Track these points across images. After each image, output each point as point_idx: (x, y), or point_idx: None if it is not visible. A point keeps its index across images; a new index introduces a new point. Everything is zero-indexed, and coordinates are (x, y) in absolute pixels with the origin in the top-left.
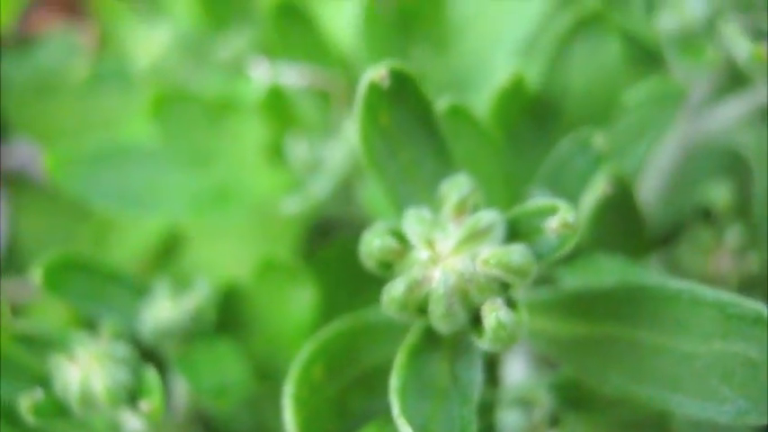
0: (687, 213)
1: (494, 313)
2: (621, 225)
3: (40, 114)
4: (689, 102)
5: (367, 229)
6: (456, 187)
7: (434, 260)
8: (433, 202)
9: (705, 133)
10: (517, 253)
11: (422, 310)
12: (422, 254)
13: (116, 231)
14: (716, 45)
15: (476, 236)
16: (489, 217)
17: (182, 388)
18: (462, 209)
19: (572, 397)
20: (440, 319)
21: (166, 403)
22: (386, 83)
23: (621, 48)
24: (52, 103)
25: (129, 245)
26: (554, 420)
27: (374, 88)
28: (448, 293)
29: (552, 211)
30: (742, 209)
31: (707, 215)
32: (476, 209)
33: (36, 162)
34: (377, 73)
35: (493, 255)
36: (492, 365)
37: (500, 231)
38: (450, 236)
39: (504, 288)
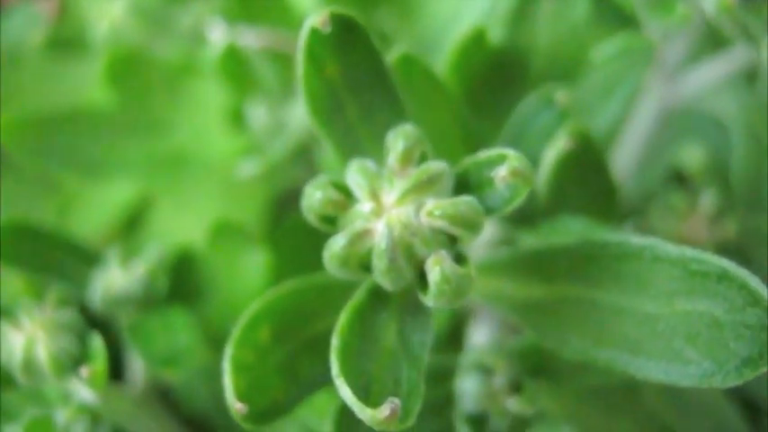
0: (662, 178)
1: (438, 266)
2: (589, 187)
3: (4, 85)
4: (664, 64)
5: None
6: (402, 137)
7: (377, 212)
8: (382, 158)
9: (681, 97)
10: (464, 204)
11: (366, 267)
12: (364, 206)
13: (79, 205)
14: (688, 2)
15: (421, 187)
16: (436, 167)
17: (138, 361)
18: (408, 160)
19: (534, 363)
20: (384, 275)
21: (122, 377)
22: (327, 28)
23: (592, 7)
24: (15, 73)
25: (92, 218)
26: (515, 387)
27: (316, 34)
28: (391, 247)
29: (502, 160)
30: (718, 173)
31: (681, 179)
32: (423, 160)
33: None
34: (318, 18)
35: (438, 206)
36: (457, 332)
37: (448, 183)
38: (394, 187)
39: (452, 242)
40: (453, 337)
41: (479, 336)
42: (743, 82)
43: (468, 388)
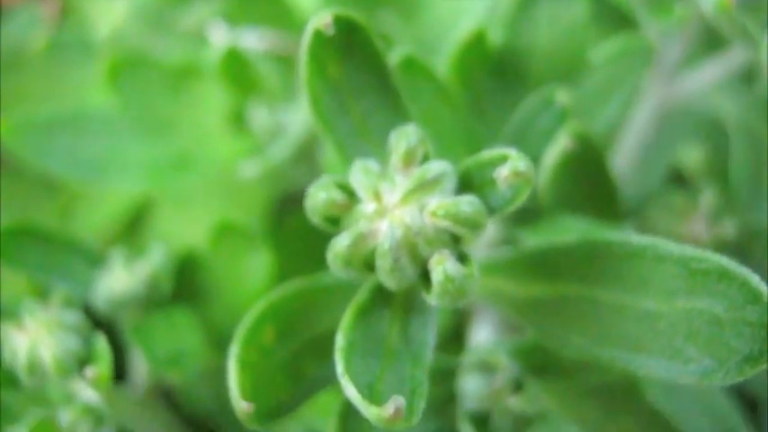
0: (661, 178)
1: (441, 266)
2: (590, 186)
3: (7, 88)
4: (663, 64)
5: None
6: (404, 137)
7: (381, 212)
8: (384, 158)
9: (681, 97)
10: (466, 203)
11: (369, 266)
12: (368, 206)
13: (82, 205)
14: (686, 2)
15: (424, 187)
16: (438, 167)
17: (141, 362)
18: (411, 159)
19: (536, 362)
20: (387, 275)
21: (125, 378)
22: (330, 30)
23: (591, 8)
24: (17, 75)
25: (94, 219)
26: (517, 386)
27: (319, 36)
28: (395, 247)
29: (503, 160)
30: (718, 173)
31: (680, 179)
32: (426, 160)
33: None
34: (321, 20)
35: (441, 206)
36: (460, 331)
37: (451, 183)
38: (397, 187)
39: (455, 241)
40: (455, 336)
41: (481, 335)
42: (741, 82)
43: (470, 387)
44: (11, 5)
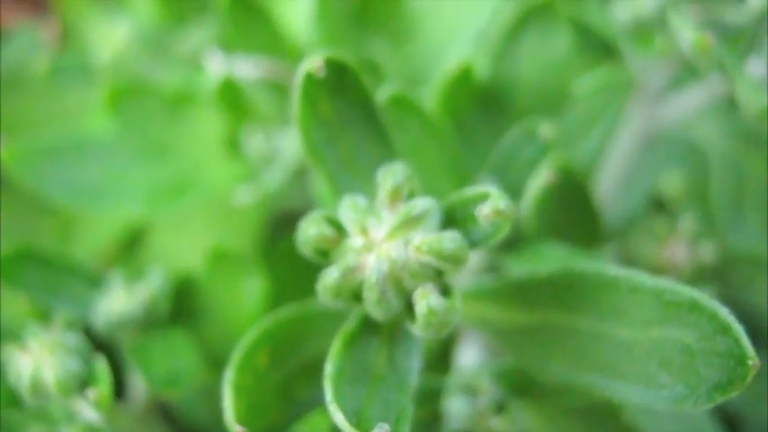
0: (643, 204)
1: (425, 300)
2: (571, 215)
3: (7, 111)
4: (645, 92)
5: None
6: (391, 174)
7: (368, 247)
8: (372, 191)
9: (662, 124)
10: (449, 240)
11: (357, 297)
12: (356, 241)
13: (79, 227)
14: (666, 35)
15: (409, 223)
16: (423, 204)
17: (139, 380)
18: (397, 196)
19: (518, 385)
20: (374, 306)
21: (124, 395)
22: (322, 73)
23: (574, 39)
24: (17, 97)
25: (91, 240)
26: (499, 408)
27: (310, 78)
28: (381, 280)
29: (485, 198)
30: (698, 199)
31: (660, 205)
32: (411, 196)
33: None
34: (312, 63)
35: (425, 242)
36: (445, 354)
37: (435, 219)
38: (383, 223)
39: (438, 275)
40: (441, 359)
41: (466, 358)
42: (724, 108)
43: (454, 408)
44: (11, 27)
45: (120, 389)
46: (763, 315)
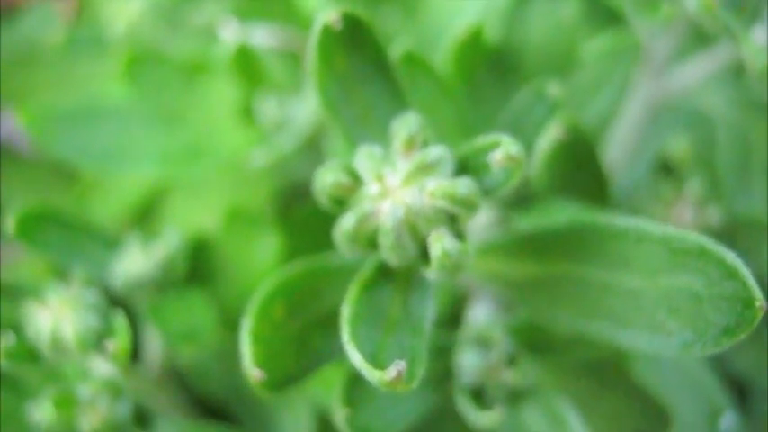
0: (651, 168)
1: (439, 242)
2: (581, 174)
3: (23, 84)
4: (652, 60)
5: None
6: (405, 124)
7: (383, 194)
8: (387, 145)
9: (669, 92)
10: (463, 185)
11: (373, 244)
12: (371, 188)
13: (97, 195)
14: (673, 1)
15: (424, 169)
16: (437, 152)
17: (156, 343)
18: (412, 145)
19: (529, 339)
20: (390, 252)
21: (140, 359)
22: (338, 26)
23: (582, 5)
24: (34, 72)
25: (109, 207)
26: (511, 361)
27: (327, 31)
28: (396, 225)
29: (497, 145)
30: (705, 163)
31: (668, 169)
32: (425, 145)
33: (21, 132)
34: (329, 16)
35: (439, 187)
36: (458, 313)
37: (448, 166)
38: (398, 170)
39: (452, 221)
40: (454, 318)
41: (478, 316)
42: (729, 76)
43: (467, 361)
44: (27, 3)
45: (136, 353)
46: (766, 279)
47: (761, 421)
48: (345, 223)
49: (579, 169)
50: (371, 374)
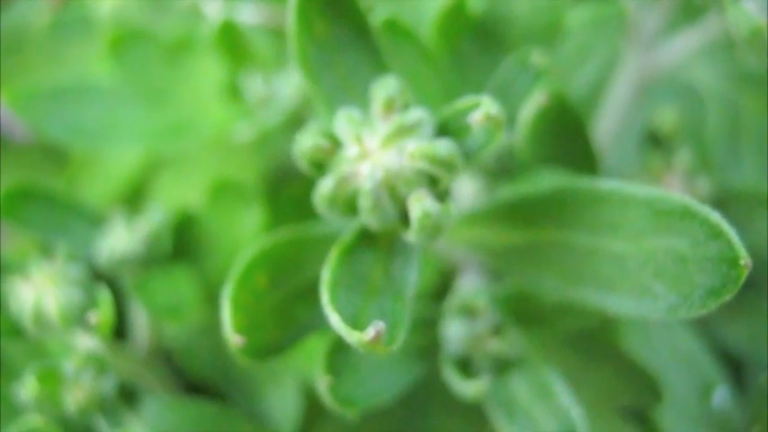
0: (640, 140)
1: (419, 203)
2: (566, 143)
3: (10, 65)
4: (640, 33)
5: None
6: (384, 87)
7: (362, 156)
8: (367, 107)
9: (658, 66)
10: (443, 146)
11: (353, 209)
12: (350, 150)
13: (86, 175)
14: None
15: (403, 131)
16: (416, 114)
17: (142, 320)
18: (391, 107)
19: (515, 308)
20: (369, 214)
21: (127, 335)
22: None
23: None
24: (22, 55)
25: (99, 187)
26: (497, 331)
27: None
28: (375, 187)
29: (476, 106)
30: (694, 135)
31: (656, 142)
32: (405, 108)
33: (12, 117)
34: None
35: (419, 148)
36: (445, 287)
37: (428, 129)
38: (377, 132)
39: (432, 183)
40: (443, 291)
41: (465, 286)
42: (718, 49)
43: (452, 331)
44: None
45: (122, 332)
46: (757, 253)
47: (755, 396)
48: (324, 186)
49: (565, 138)
50: (350, 336)
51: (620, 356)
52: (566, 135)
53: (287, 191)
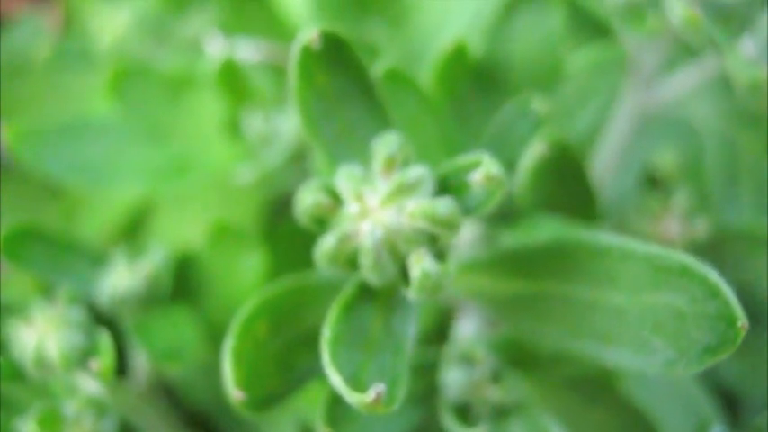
0: (639, 180)
1: (419, 263)
2: (567, 190)
3: (10, 97)
4: (639, 72)
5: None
6: (385, 144)
7: (363, 214)
8: (368, 164)
9: (656, 104)
10: (443, 205)
11: (354, 264)
12: (351, 208)
13: (83, 210)
14: (659, 13)
15: (403, 190)
16: (417, 172)
17: (143, 358)
18: (392, 165)
19: (514, 355)
20: (370, 272)
21: (127, 374)
22: (317, 45)
23: (568, 18)
24: (21, 85)
25: (95, 223)
26: (496, 377)
27: (306, 51)
28: (376, 246)
29: (477, 165)
30: (692, 176)
31: (655, 182)
32: (406, 165)
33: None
34: (308, 35)
35: (418, 207)
36: (443, 329)
37: (429, 186)
38: (378, 190)
39: (432, 240)
40: (440, 334)
41: (464, 331)
42: (716, 88)
43: (451, 378)
44: (14, 16)
45: (122, 368)
46: (756, 291)
47: None
48: (325, 244)
49: (565, 185)
50: (351, 397)
51: (616, 398)
52: (566, 182)
53: (285, 226)
